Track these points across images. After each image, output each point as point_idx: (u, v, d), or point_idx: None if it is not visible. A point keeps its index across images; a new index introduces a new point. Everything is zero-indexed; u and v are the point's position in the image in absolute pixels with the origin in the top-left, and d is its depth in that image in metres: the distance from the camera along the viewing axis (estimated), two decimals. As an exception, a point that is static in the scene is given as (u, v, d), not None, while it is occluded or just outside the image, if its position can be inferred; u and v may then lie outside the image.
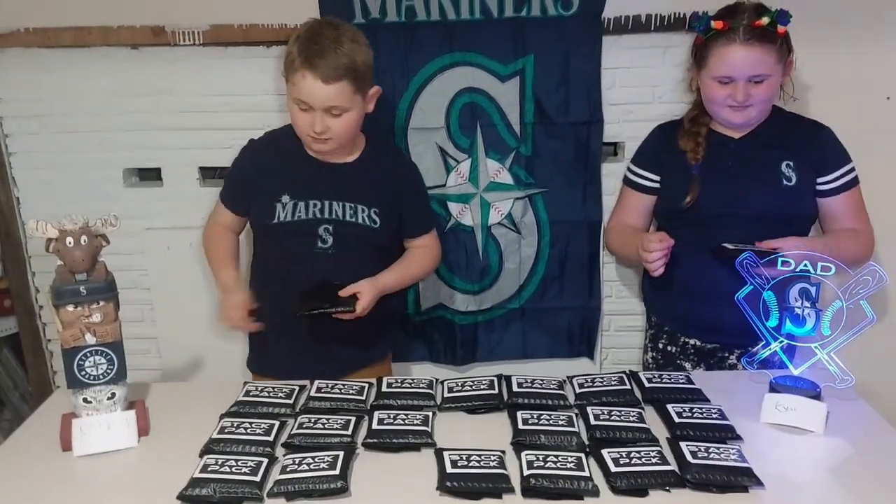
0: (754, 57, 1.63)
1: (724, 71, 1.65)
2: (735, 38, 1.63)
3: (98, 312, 1.31)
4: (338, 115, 1.57)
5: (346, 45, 1.54)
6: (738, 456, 1.23)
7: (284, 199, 1.67)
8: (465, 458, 1.24)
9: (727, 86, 1.67)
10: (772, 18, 1.62)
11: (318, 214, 1.67)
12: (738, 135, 1.77)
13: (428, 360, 2.24)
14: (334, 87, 1.53)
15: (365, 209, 1.68)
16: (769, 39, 1.62)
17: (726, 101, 1.69)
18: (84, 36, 1.98)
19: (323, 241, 1.67)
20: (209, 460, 1.24)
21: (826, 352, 1.42)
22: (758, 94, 1.66)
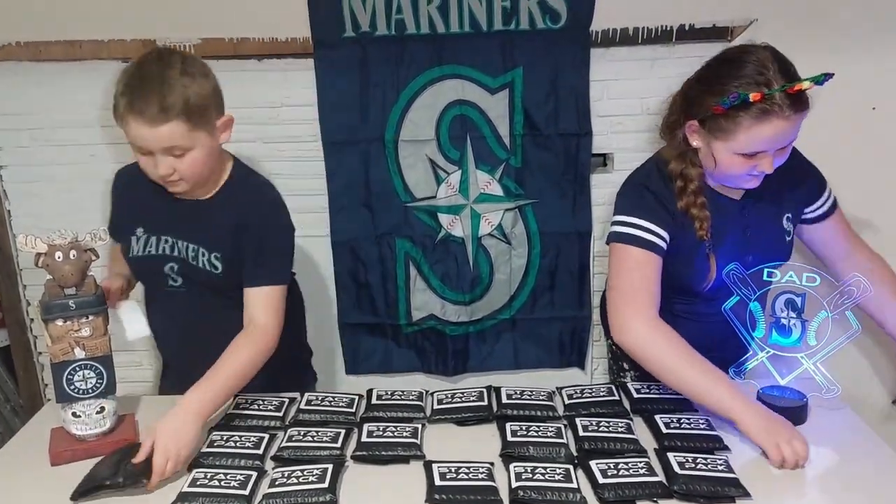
0: (791, 128, 1.35)
1: (757, 147, 1.36)
2: (773, 111, 1.32)
3: (87, 327, 1.32)
4: (180, 156, 1.40)
5: (173, 81, 1.36)
6: (725, 466, 1.24)
7: (139, 231, 1.56)
8: (454, 470, 1.24)
9: (752, 158, 1.38)
10: (814, 83, 1.32)
11: (168, 251, 1.54)
12: (739, 194, 1.52)
13: (419, 371, 2.24)
14: (165, 129, 1.35)
15: (206, 253, 1.52)
16: (805, 105, 1.35)
17: (749, 172, 1.41)
18: (74, 50, 1.98)
19: (173, 280, 1.56)
20: (198, 474, 1.24)
21: (812, 362, 1.43)
22: (781, 159, 1.41)
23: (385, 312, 2.17)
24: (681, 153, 1.49)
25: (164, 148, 1.38)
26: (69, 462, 1.32)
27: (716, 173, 1.46)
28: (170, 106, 1.34)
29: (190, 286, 1.56)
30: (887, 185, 2.04)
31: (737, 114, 1.34)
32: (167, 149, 1.38)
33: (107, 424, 1.36)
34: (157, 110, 1.34)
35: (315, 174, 2.07)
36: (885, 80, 1.98)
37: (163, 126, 1.35)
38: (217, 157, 1.50)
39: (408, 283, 2.14)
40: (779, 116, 1.32)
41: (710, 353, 1.41)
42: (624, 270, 1.49)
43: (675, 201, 1.48)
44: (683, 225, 1.48)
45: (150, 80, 1.35)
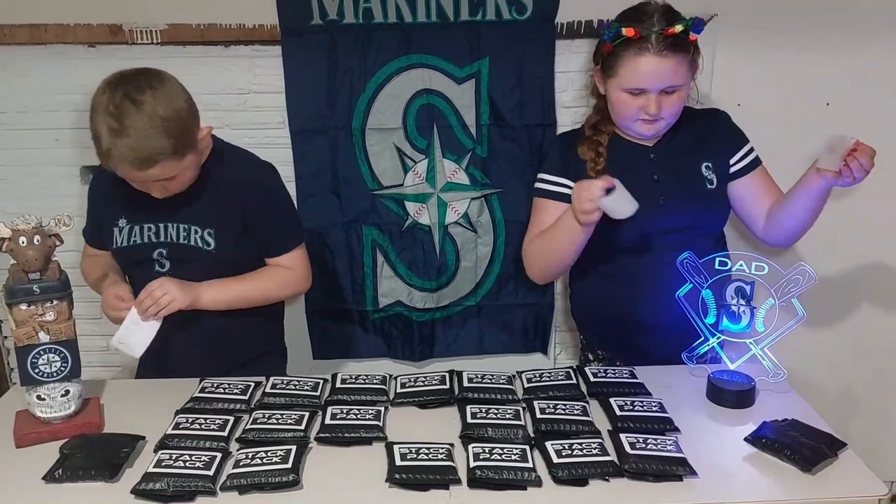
0: (668, 68, 1.53)
1: (637, 83, 1.55)
2: (647, 48, 1.52)
3: (52, 311, 1.33)
4: (171, 180, 1.47)
5: (152, 124, 1.37)
6: (674, 447, 1.29)
7: (121, 223, 1.59)
8: (415, 451, 1.28)
9: (638, 97, 1.57)
10: (685, 27, 1.53)
11: (154, 238, 1.57)
12: (652, 142, 1.69)
13: (386, 357, 2.27)
14: (155, 170, 1.41)
15: (198, 230, 1.56)
16: (682, 49, 1.54)
17: (638, 115, 1.60)
18: (40, 34, 1.97)
19: (160, 266, 1.58)
20: (163, 455, 1.26)
21: (760, 347, 1.49)
22: (669, 105, 1.58)
23: (352, 299, 2.19)
24: (599, 108, 1.72)
25: (154, 180, 1.45)
26: (34, 444, 1.34)
27: (613, 116, 1.66)
28: (158, 152, 1.38)
29: (177, 271, 1.57)
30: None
31: (620, 51, 1.56)
32: (157, 182, 1.46)
33: (72, 407, 1.38)
34: (145, 158, 1.38)
35: (283, 161, 2.06)
36: (838, 77, 2.04)
37: (152, 169, 1.41)
38: (201, 162, 1.55)
39: (375, 270, 2.17)
40: (653, 53, 1.52)
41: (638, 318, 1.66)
42: (531, 218, 1.78)
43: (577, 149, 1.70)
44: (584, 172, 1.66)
45: (132, 128, 1.36)
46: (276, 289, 1.66)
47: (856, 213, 2.12)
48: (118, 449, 1.28)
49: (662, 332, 1.64)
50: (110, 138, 1.37)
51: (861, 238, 2.17)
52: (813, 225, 1.65)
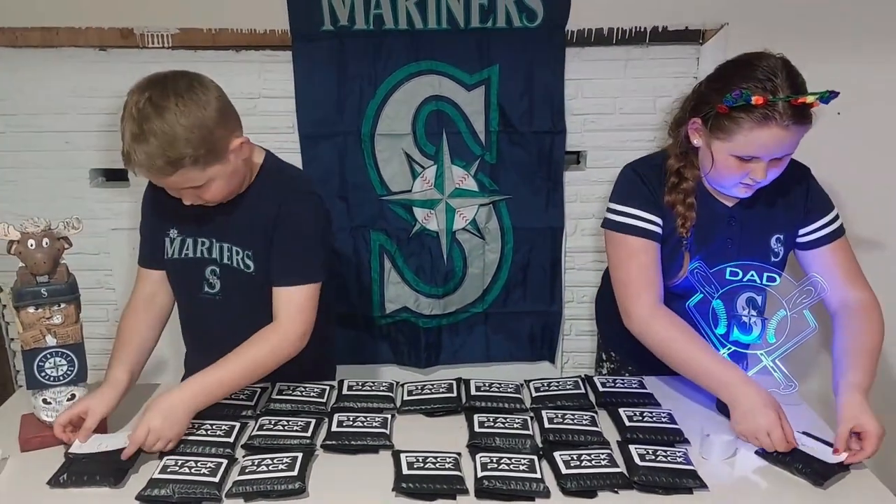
0: (789, 139, 1.37)
1: (753, 152, 1.38)
2: (773, 118, 1.34)
3: (59, 314, 1.32)
4: (201, 188, 1.36)
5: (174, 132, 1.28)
6: (684, 459, 1.28)
7: (172, 233, 1.50)
8: (422, 459, 1.27)
9: (747, 163, 1.41)
10: (824, 98, 1.36)
11: (206, 254, 1.49)
12: (731, 202, 1.53)
13: (392, 363, 2.27)
14: (175, 178, 1.33)
15: (239, 251, 1.48)
16: (807, 119, 1.37)
17: (742, 179, 1.43)
18: (52, 36, 1.98)
19: (210, 286, 1.50)
20: (169, 461, 1.26)
21: (771, 358, 1.48)
22: (776, 171, 1.43)
23: (359, 304, 2.19)
24: (682, 151, 1.52)
25: (183, 188, 1.36)
26: (39, 448, 1.33)
27: (711, 174, 1.48)
28: (176, 160, 1.29)
29: (226, 294, 1.49)
30: (852, 190, 2.09)
31: (739, 115, 1.36)
32: (183, 190, 1.37)
33: (79, 411, 1.37)
34: (163, 165, 1.29)
35: (291, 166, 2.08)
36: (850, 86, 2.02)
37: (172, 176, 1.32)
38: (241, 171, 1.42)
39: (382, 276, 2.17)
40: (778, 125, 1.34)
41: None
42: (622, 261, 1.53)
43: (664, 195, 1.52)
44: (669, 218, 1.52)
45: (151, 133, 1.28)
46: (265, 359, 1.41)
47: (867, 225, 2.10)
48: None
49: None
50: (131, 143, 1.30)
51: (873, 251, 2.15)
52: None
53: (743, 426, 1.34)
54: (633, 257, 1.52)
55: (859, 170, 2.08)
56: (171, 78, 1.34)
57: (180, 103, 1.30)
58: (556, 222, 2.14)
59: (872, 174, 2.09)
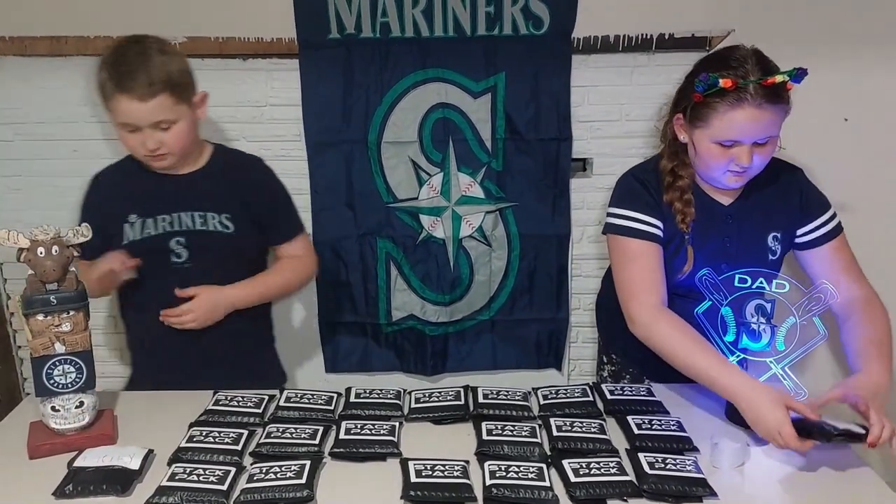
0: (766, 120, 1.41)
1: (731, 135, 1.43)
2: (745, 99, 1.39)
3: (68, 322, 1.33)
4: (167, 129, 1.53)
5: (154, 59, 1.49)
6: (693, 467, 1.27)
7: (132, 218, 1.62)
8: (430, 467, 1.26)
9: (730, 149, 1.45)
10: (791, 76, 1.41)
11: (168, 228, 1.62)
12: (728, 200, 1.58)
13: (399, 371, 2.27)
14: (154, 103, 1.48)
15: (215, 216, 1.63)
16: (780, 99, 1.42)
17: (728, 166, 1.47)
18: (60, 45, 1.99)
19: (177, 256, 1.63)
20: (177, 469, 1.25)
21: (781, 366, 1.47)
22: (761, 156, 1.46)
23: (365, 312, 2.19)
24: (673, 151, 1.57)
25: (153, 122, 1.50)
26: (47, 456, 1.33)
27: (698, 166, 1.52)
28: (156, 81, 1.47)
29: (195, 259, 1.63)
30: (859, 195, 2.09)
31: (713, 100, 1.42)
32: (155, 123, 1.51)
33: (86, 419, 1.37)
34: (145, 86, 1.46)
35: (298, 173, 2.08)
36: (857, 92, 2.03)
37: (151, 100, 1.48)
38: (196, 131, 1.62)
39: (388, 283, 2.16)
40: (751, 104, 1.39)
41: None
42: (624, 263, 1.56)
43: (662, 195, 1.55)
44: (668, 218, 1.55)
45: (133, 60, 1.48)
46: (293, 279, 1.77)
47: (876, 231, 2.09)
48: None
49: None
50: (116, 70, 1.47)
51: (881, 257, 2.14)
52: None
53: (757, 430, 1.33)
54: (635, 260, 1.54)
55: (866, 176, 2.08)
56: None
57: (160, 43, 1.55)
58: (562, 229, 2.14)
59: (880, 180, 2.08)
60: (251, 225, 1.67)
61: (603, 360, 1.87)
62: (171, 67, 1.51)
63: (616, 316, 1.64)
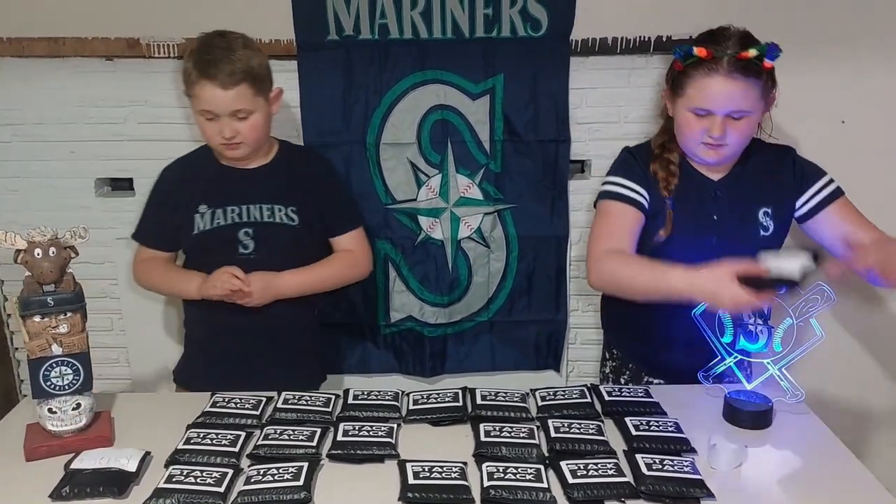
0: (737, 91, 1.47)
1: (704, 103, 1.50)
2: (718, 69, 1.47)
3: (65, 323, 1.32)
4: (244, 119, 1.62)
5: (238, 52, 1.60)
6: (691, 468, 1.27)
7: (202, 208, 1.70)
8: (428, 469, 1.26)
9: (704, 119, 1.51)
10: (760, 51, 1.47)
11: (237, 219, 1.70)
12: (718, 176, 1.62)
13: (397, 372, 2.26)
14: (234, 92, 1.59)
15: (282, 208, 1.72)
16: (754, 73, 1.48)
17: (702, 137, 1.53)
18: (58, 47, 1.98)
19: (244, 247, 1.70)
20: (174, 471, 1.25)
21: (778, 367, 1.47)
22: (735, 131, 1.51)
23: (364, 313, 2.19)
24: (666, 129, 1.66)
25: (231, 111, 1.60)
26: (44, 458, 1.32)
27: (678, 136, 1.59)
28: (238, 71, 1.58)
29: (261, 251, 1.70)
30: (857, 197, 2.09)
31: (691, 70, 1.51)
32: (233, 112, 1.60)
33: (82, 421, 1.37)
34: (228, 75, 1.57)
35: (296, 175, 2.08)
36: (853, 94, 2.03)
37: (233, 89, 1.58)
38: (269, 125, 1.71)
39: (387, 285, 2.16)
40: (723, 74, 1.46)
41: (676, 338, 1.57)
42: (599, 221, 1.64)
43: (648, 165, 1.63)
44: (655, 189, 1.61)
45: (218, 51, 1.59)
46: (345, 271, 1.83)
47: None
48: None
49: (678, 349, 1.62)
50: (202, 59, 1.58)
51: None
52: None
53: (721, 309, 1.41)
54: (609, 217, 1.61)
55: (864, 177, 2.07)
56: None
57: (244, 39, 1.66)
58: (560, 231, 2.14)
59: (877, 181, 2.08)
60: (314, 218, 1.76)
61: (605, 356, 1.89)
62: (252, 61, 1.61)
63: (618, 313, 1.72)
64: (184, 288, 1.72)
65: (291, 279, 1.71)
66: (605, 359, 1.90)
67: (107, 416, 1.45)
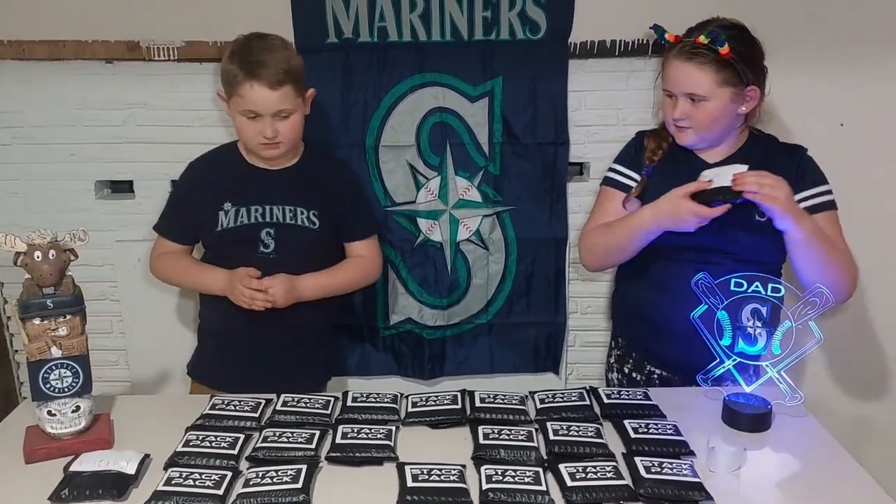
0: (686, 74, 1.58)
1: (667, 84, 1.64)
2: (678, 53, 1.60)
3: (64, 326, 1.33)
4: (285, 118, 1.66)
5: (279, 53, 1.64)
6: (690, 471, 1.27)
7: (227, 206, 1.72)
8: (426, 472, 1.26)
9: (671, 100, 1.64)
10: (708, 37, 1.55)
11: (260, 219, 1.72)
12: (715, 160, 1.68)
13: (396, 374, 2.26)
14: (281, 92, 1.62)
15: (304, 211, 1.74)
16: (708, 59, 1.56)
17: (671, 117, 1.65)
18: (58, 49, 1.99)
19: (265, 246, 1.72)
20: (173, 473, 1.25)
21: (776, 370, 1.47)
22: (696, 115, 1.60)
23: (363, 315, 2.19)
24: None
25: (276, 110, 1.63)
26: (44, 460, 1.33)
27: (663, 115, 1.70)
28: (282, 71, 1.61)
29: (281, 251, 1.73)
30: (856, 200, 2.09)
31: (665, 55, 1.65)
32: (277, 111, 1.63)
33: (82, 423, 1.37)
34: (274, 75, 1.60)
35: (296, 177, 2.08)
36: (853, 97, 2.04)
37: (279, 89, 1.61)
38: (302, 127, 1.73)
39: (386, 287, 2.16)
40: (680, 58, 1.59)
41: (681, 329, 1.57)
42: (594, 207, 1.82)
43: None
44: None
45: (262, 52, 1.63)
46: (359, 276, 1.86)
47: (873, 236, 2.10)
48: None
49: (680, 339, 1.61)
50: (246, 61, 1.61)
51: (876, 262, 2.15)
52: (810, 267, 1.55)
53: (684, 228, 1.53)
54: (603, 204, 1.78)
55: (863, 180, 2.08)
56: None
57: (282, 41, 1.70)
58: (559, 233, 2.14)
59: (876, 185, 2.09)
60: (334, 222, 1.78)
61: (612, 344, 1.94)
62: (293, 62, 1.66)
63: (625, 303, 1.87)
64: (210, 284, 1.73)
65: (312, 282, 1.74)
66: (611, 348, 1.94)
67: (106, 418, 1.45)
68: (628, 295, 1.88)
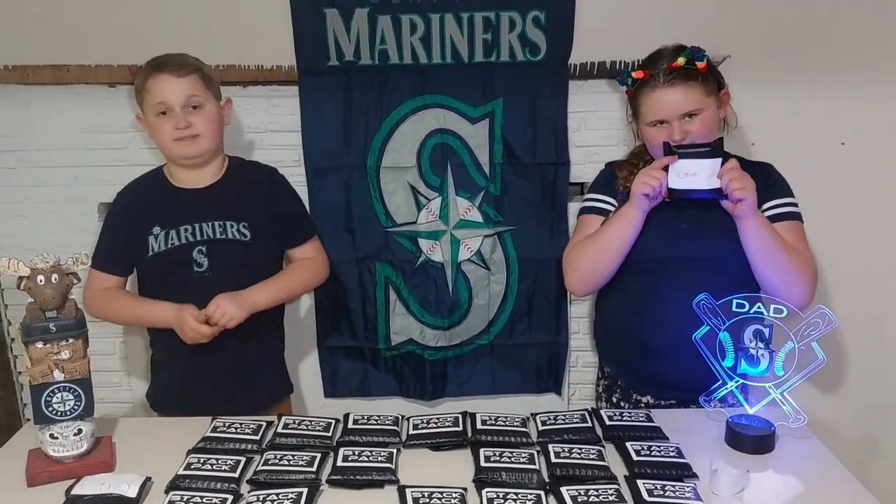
0: (679, 96, 1.62)
1: (656, 116, 1.64)
2: (657, 84, 1.63)
3: (67, 349, 1.33)
4: (197, 109, 1.67)
5: (188, 56, 1.70)
6: (692, 494, 1.26)
7: (156, 230, 1.70)
8: (427, 495, 1.26)
9: (663, 129, 1.64)
10: (687, 57, 1.62)
11: (191, 238, 1.70)
12: None
13: (398, 395, 2.26)
14: (187, 80, 1.65)
15: (234, 224, 1.72)
16: (690, 77, 1.62)
17: (665, 141, 1.62)
18: (62, 74, 2.01)
19: (198, 265, 1.70)
20: (174, 496, 1.25)
21: (779, 391, 1.47)
22: (694, 129, 1.63)
23: (364, 336, 2.19)
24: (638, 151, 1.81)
25: (185, 97, 1.65)
26: (46, 483, 1.33)
27: (651, 151, 1.72)
28: (189, 64, 1.67)
29: (216, 268, 1.70)
30: (857, 218, 2.10)
31: (638, 93, 1.68)
32: (187, 100, 1.65)
33: (84, 446, 1.37)
34: (181, 66, 1.66)
35: (298, 199, 2.09)
36: (854, 116, 2.05)
37: (186, 77, 1.65)
38: (222, 129, 1.75)
39: (387, 308, 2.17)
40: (663, 86, 1.62)
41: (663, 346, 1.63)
42: (576, 230, 1.82)
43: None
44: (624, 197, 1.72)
45: (169, 56, 1.69)
46: (310, 277, 1.86)
47: (871, 253, 2.10)
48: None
49: (663, 358, 1.65)
50: (151, 62, 1.68)
51: (878, 281, 2.15)
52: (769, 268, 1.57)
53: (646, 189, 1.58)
54: (580, 229, 1.79)
55: (863, 199, 2.09)
56: None
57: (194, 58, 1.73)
58: (560, 253, 2.11)
59: (877, 202, 2.09)
60: (268, 232, 1.76)
61: (598, 375, 1.92)
62: (203, 64, 1.72)
63: (605, 330, 1.86)
64: (156, 319, 1.69)
65: (260, 288, 1.71)
66: (598, 378, 1.93)
67: (108, 441, 1.45)
68: (608, 318, 1.85)
